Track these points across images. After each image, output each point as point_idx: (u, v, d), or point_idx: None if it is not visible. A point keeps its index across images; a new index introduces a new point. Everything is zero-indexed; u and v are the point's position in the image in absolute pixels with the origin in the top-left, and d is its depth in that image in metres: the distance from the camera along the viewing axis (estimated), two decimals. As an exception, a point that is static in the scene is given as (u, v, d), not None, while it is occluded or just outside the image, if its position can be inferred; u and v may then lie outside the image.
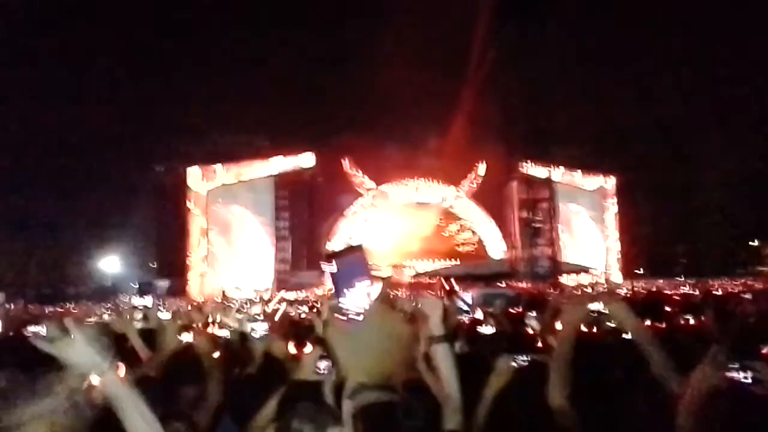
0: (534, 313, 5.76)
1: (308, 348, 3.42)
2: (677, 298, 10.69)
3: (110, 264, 37.51)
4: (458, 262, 38.92)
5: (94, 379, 1.76)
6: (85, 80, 34.04)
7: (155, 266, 36.42)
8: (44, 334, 1.85)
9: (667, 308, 7.15)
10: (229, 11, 35.96)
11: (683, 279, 29.27)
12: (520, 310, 8.01)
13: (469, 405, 2.35)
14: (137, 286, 31.62)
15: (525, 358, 2.81)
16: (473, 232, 41.40)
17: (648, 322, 3.97)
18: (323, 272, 35.17)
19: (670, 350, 2.57)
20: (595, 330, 4.55)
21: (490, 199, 40.35)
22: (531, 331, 5.06)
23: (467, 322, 5.97)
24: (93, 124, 34.30)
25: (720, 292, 12.21)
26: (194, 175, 34.76)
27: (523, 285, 28.03)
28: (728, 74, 35.46)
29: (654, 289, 18.98)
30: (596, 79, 35.91)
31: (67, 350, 1.76)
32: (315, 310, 7.08)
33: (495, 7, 31.02)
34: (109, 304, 21.78)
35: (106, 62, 34.75)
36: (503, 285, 25.84)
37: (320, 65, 35.56)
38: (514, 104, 34.38)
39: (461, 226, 41.68)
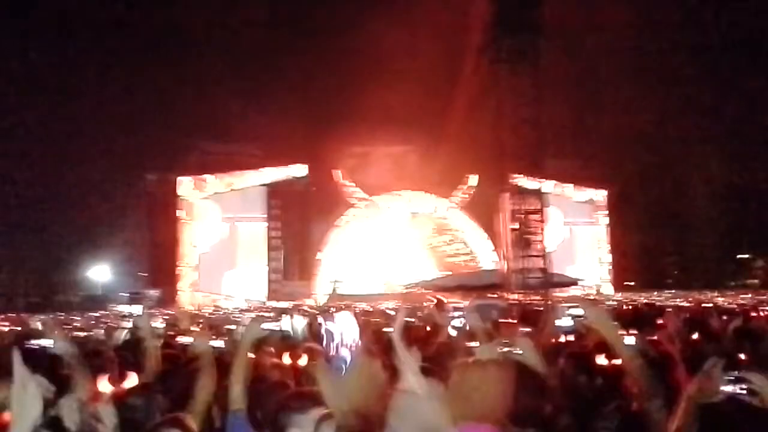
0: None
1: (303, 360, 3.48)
2: (668, 310, 10.68)
3: (101, 273, 37.27)
4: (450, 273, 38.87)
5: None
6: (76, 88, 33.90)
7: (146, 275, 36.19)
8: None
9: (659, 321, 7.15)
10: (225, 22, 35.99)
11: (674, 292, 29.38)
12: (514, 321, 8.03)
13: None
14: (127, 295, 31.39)
15: (506, 346, 2.87)
16: (465, 243, 41.36)
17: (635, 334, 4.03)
18: (314, 282, 35.07)
19: (653, 361, 2.61)
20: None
21: (482, 210, 40.29)
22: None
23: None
24: (84, 132, 34.22)
25: (711, 305, 12.24)
26: (185, 184, 34.66)
27: (515, 296, 28.05)
28: (718, 88, 35.78)
29: (644, 302, 19.01)
30: (588, 92, 36.17)
31: None
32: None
33: (487, 22, 31.13)
34: (98, 314, 21.67)
35: (98, 70, 34.71)
36: (495, 296, 25.80)
37: (314, 77, 35.62)
38: (507, 116, 34.48)
39: (453, 237, 41.66)
